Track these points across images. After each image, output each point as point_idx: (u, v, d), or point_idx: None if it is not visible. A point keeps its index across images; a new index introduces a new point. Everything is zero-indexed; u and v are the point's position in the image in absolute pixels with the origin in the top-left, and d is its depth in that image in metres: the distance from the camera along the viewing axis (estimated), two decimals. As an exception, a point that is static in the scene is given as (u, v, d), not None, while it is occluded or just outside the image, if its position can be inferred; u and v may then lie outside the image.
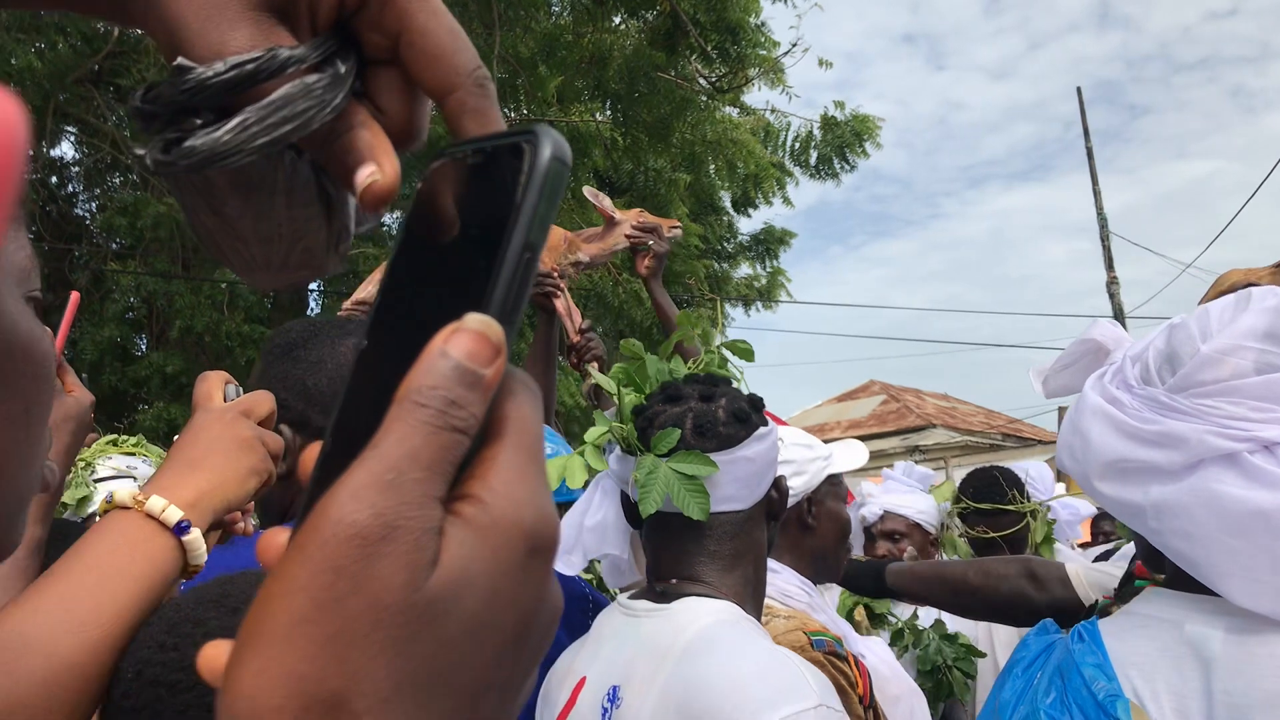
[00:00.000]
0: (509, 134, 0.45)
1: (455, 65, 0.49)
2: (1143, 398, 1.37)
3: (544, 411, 0.47)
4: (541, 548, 0.41)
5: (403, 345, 0.43)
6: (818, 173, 11.01)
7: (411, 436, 0.39)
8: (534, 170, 0.43)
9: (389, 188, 0.48)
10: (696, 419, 1.72)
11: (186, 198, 0.54)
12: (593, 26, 9.28)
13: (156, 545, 0.95)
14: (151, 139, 0.48)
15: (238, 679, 0.37)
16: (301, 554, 0.37)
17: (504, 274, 0.42)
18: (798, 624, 1.97)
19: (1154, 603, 1.40)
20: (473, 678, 0.39)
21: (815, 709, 1.38)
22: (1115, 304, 16.28)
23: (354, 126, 0.49)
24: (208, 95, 0.46)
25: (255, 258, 0.56)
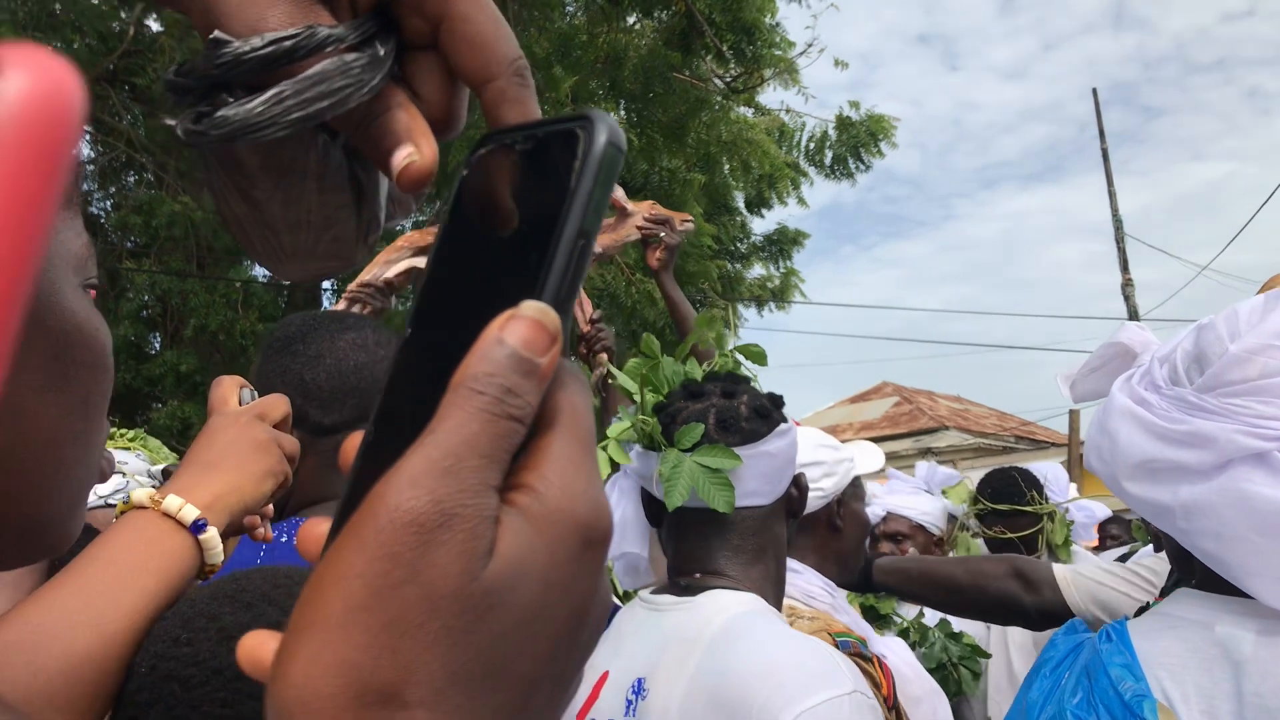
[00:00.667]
0: (562, 120, 0.45)
1: (496, 53, 0.48)
2: (1171, 398, 1.36)
3: None
4: (595, 540, 0.40)
5: (451, 333, 0.42)
6: (832, 173, 11.00)
7: (468, 424, 0.38)
8: (589, 156, 0.42)
9: (427, 169, 0.47)
10: (719, 414, 1.73)
11: (216, 180, 0.53)
12: (607, 26, 9.28)
13: (173, 543, 0.95)
14: (183, 112, 0.48)
15: (288, 667, 0.36)
16: (357, 540, 0.37)
17: (558, 261, 0.41)
18: (821, 625, 1.98)
19: (1184, 604, 1.40)
20: (526, 671, 0.39)
21: (850, 695, 1.38)
22: (1130, 306, 16.20)
23: (391, 108, 0.48)
24: (243, 70, 0.45)
25: (283, 246, 0.55)
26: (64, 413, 0.60)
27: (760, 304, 12.00)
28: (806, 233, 12.08)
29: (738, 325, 11.65)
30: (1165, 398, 1.37)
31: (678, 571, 1.72)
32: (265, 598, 0.93)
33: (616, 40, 9.24)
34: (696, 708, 1.45)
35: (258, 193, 0.52)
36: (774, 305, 11.97)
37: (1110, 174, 17.02)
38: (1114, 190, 16.91)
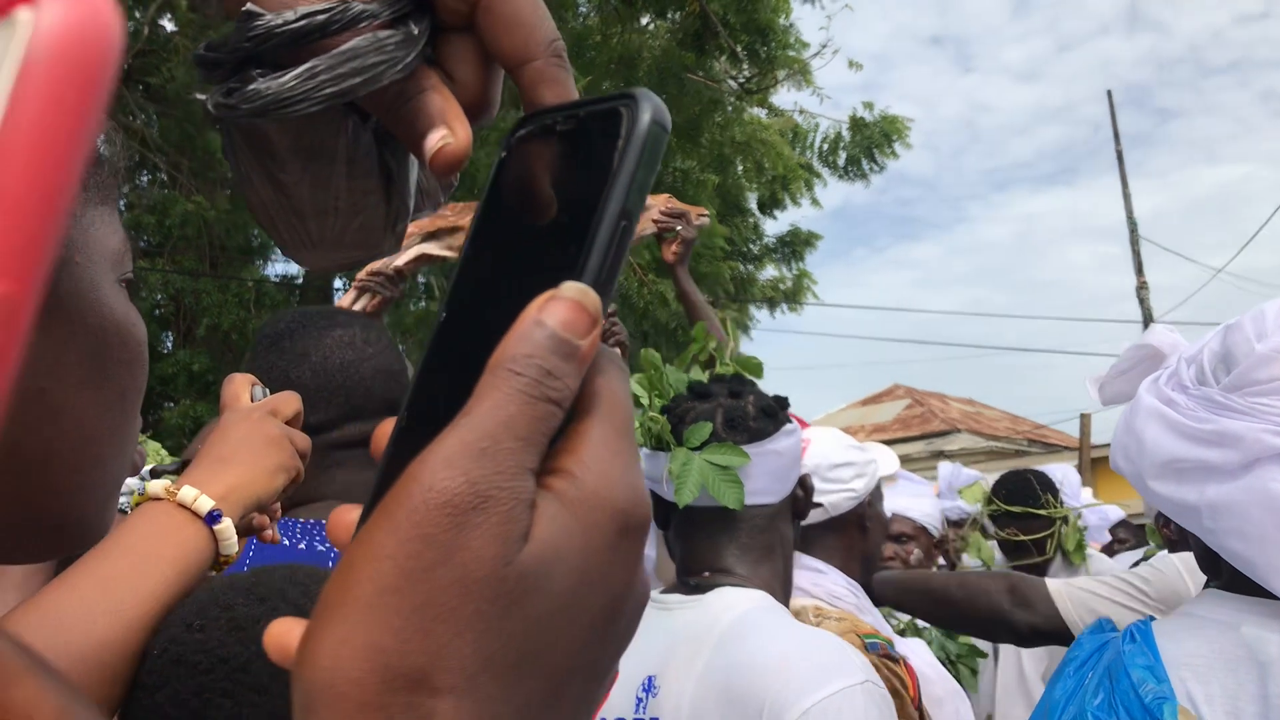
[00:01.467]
0: (604, 98, 0.44)
1: (535, 34, 0.47)
2: (1198, 398, 1.36)
3: None
4: (633, 527, 0.39)
5: (487, 317, 0.41)
6: (846, 174, 10.99)
7: (506, 405, 0.37)
8: (633, 135, 0.41)
9: (461, 152, 0.46)
10: (727, 413, 1.76)
11: (243, 163, 0.52)
12: (621, 27, 9.28)
13: (189, 533, 0.96)
14: (213, 86, 0.47)
15: (316, 649, 0.35)
16: (390, 521, 0.36)
17: (600, 242, 0.41)
18: (849, 626, 1.98)
19: (1210, 604, 1.40)
20: (560, 661, 0.38)
21: (862, 685, 1.40)
22: (1145, 309, 16.16)
23: (425, 90, 0.47)
24: (275, 43, 0.45)
25: (309, 233, 0.54)
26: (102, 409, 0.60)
27: (772, 306, 11.98)
28: (819, 234, 12.07)
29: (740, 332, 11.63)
30: (1192, 397, 1.37)
31: (687, 571, 1.73)
32: (280, 593, 0.93)
33: (630, 41, 9.25)
34: (708, 703, 1.46)
35: (286, 176, 0.51)
36: (786, 307, 11.96)
37: (1125, 176, 16.98)
38: (1129, 193, 16.87)
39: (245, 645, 0.88)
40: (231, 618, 0.90)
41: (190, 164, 9.93)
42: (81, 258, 0.56)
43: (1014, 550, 3.49)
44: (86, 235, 0.57)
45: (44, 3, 0.20)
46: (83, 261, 0.56)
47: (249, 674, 0.87)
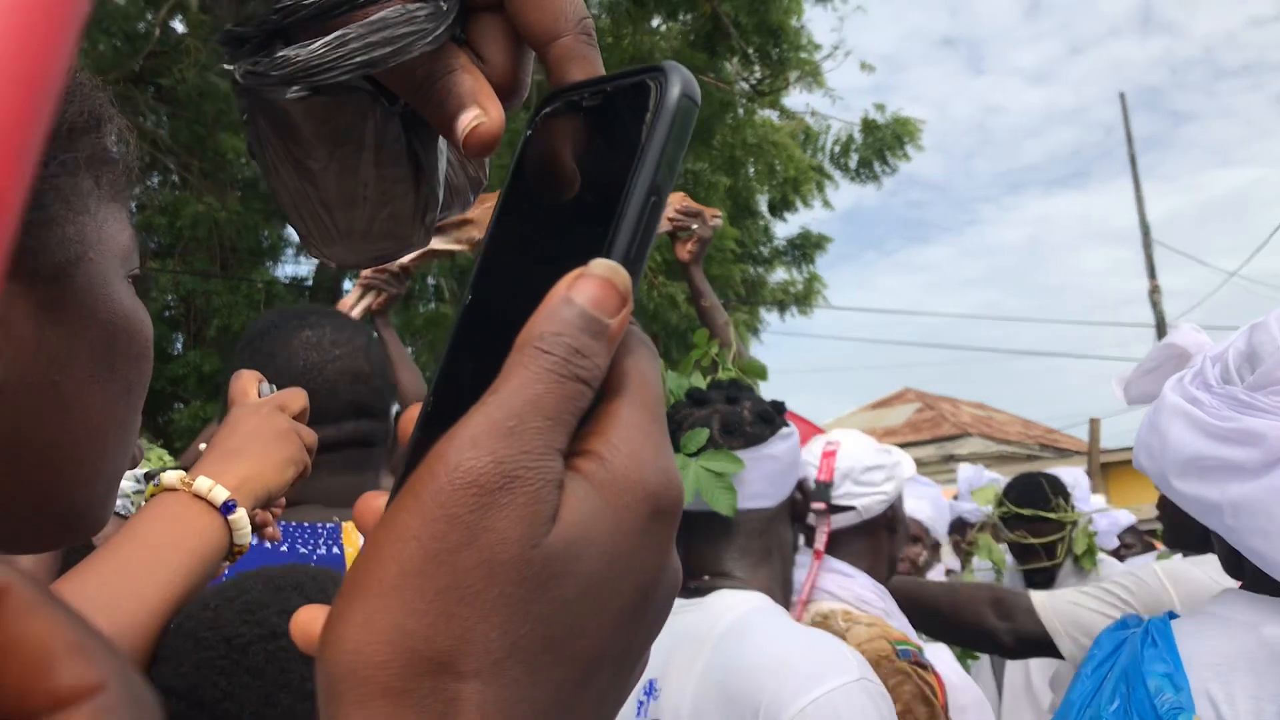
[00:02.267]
0: (632, 72, 0.43)
1: (565, 10, 0.46)
2: (1222, 396, 1.35)
3: None
4: (664, 510, 0.38)
5: (514, 297, 0.41)
6: (857, 176, 10.99)
7: (534, 384, 0.37)
8: (662, 108, 0.40)
9: (495, 132, 0.46)
10: (724, 419, 1.80)
11: (270, 153, 0.52)
12: (633, 28, 9.29)
13: (205, 522, 0.99)
14: (240, 59, 0.47)
15: (340, 631, 0.35)
16: (415, 501, 0.35)
17: (629, 219, 0.40)
18: (879, 632, 2.00)
19: (1231, 604, 1.39)
20: (588, 646, 0.37)
21: (857, 682, 1.42)
22: (1158, 313, 16.12)
23: (455, 70, 0.46)
24: (304, 14, 0.44)
25: (338, 224, 0.54)
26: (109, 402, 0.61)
27: (782, 309, 11.98)
28: (829, 236, 12.06)
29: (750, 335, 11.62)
30: (1217, 396, 1.36)
31: (687, 575, 1.73)
32: (295, 586, 0.96)
33: (642, 42, 9.26)
34: (708, 704, 1.48)
35: (313, 163, 0.51)
36: (796, 310, 11.95)
37: (1138, 180, 16.95)
38: (1141, 196, 16.83)
39: (251, 628, 0.90)
40: (245, 601, 0.93)
41: (201, 165, 9.96)
42: (94, 254, 0.57)
43: (1023, 553, 3.50)
44: (100, 232, 0.58)
45: None
46: (95, 258, 0.56)
47: (248, 655, 0.89)
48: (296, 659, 0.89)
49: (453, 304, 9.33)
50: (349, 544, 1.53)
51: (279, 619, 0.91)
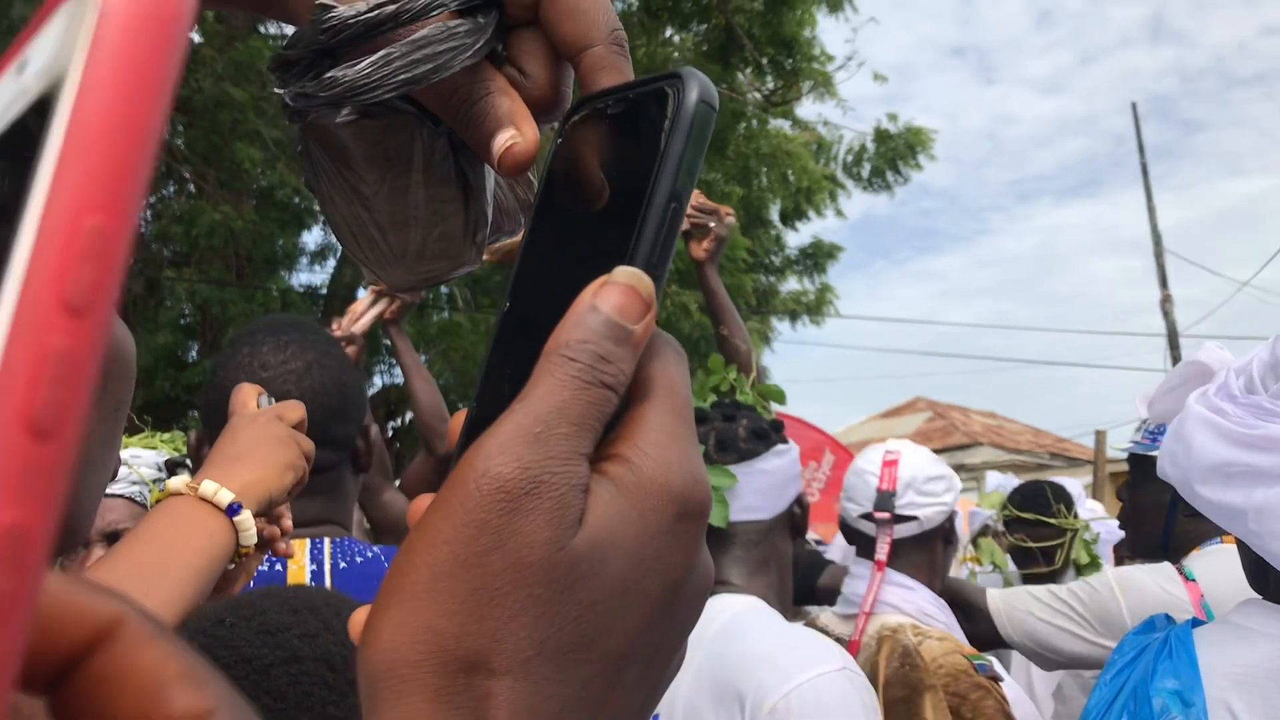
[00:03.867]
0: (653, 79, 0.44)
1: (597, 21, 0.47)
2: (1246, 406, 1.37)
3: None
4: (691, 512, 0.40)
5: (546, 302, 0.42)
6: (870, 185, 10.98)
7: (560, 391, 0.38)
8: (679, 115, 0.41)
9: (529, 152, 0.47)
10: (719, 435, 1.89)
11: (325, 182, 0.54)
12: (646, 39, 9.30)
13: (212, 525, 1.01)
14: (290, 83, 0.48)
15: (376, 632, 0.36)
16: (445, 507, 0.37)
17: (650, 226, 0.41)
18: (953, 646, 2.02)
19: (1254, 615, 1.40)
20: (617, 645, 0.38)
21: (840, 670, 1.48)
22: (1169, 323, 16.03)
23: (492, 92, 0.47)
24: (349, 34, 0.46)
25: (392, 246, 0.55)
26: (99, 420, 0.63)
27: (794, 318, 11.96)
28: (841, 246, 12.05)
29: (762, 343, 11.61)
30: (1241, 406, 1.38)
31: None
32: (312, 608, 0.95)
33: (656, 54, 9.27)
34: (701, 697, 1.56)
35: (366, 187, 0.52)
36: (808, 319, 11.93)
37: (1150, 189, 16.86)
38: (1153, 206, 16.76)
39: (272, 650, 0.90)
40: (263, 622, 0.92)
41: (217, 174, 9.98)
42: None
43: (1023, 558, 3.54)
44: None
45: None
46: None
47: (269, 678, 0.89)
48: (318, 683, 0.90)
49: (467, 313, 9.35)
50: (292, 560, 1.54)
51: (300, 642, 0.91)
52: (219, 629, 0.92)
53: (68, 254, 0.20)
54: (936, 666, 1.96)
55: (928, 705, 1.91)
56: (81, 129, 0.20)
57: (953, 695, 1.92)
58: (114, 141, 0.20)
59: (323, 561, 1.56)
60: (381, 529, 2.70)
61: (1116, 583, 2.41)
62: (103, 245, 0.20)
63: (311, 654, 0.90)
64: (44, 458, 0.19)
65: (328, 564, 1.57)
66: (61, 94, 0.20)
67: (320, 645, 0.91)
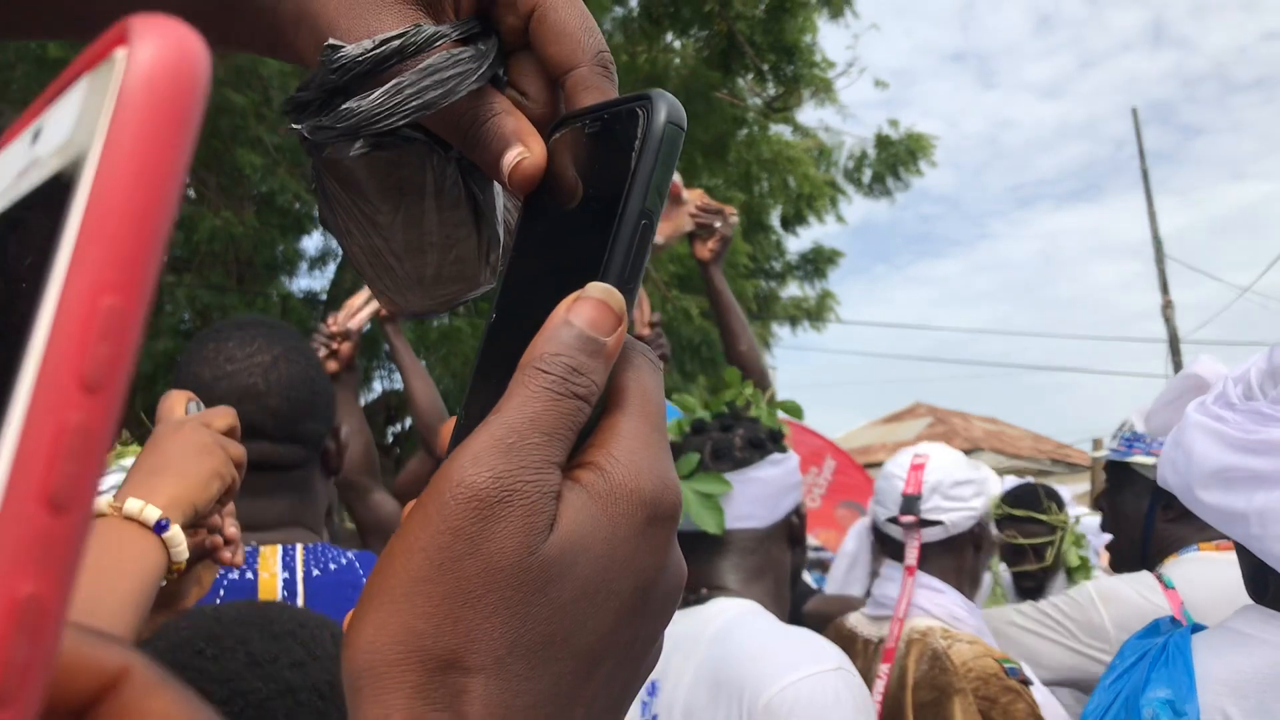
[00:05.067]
0: (625, 100, 0.46)
1: (581, 42, 0.50)
2: (1245, 412, 1.38)
3: None
4: (661, 516, 0.42)
5: (528, 315, 0.43)
6: (871, 191, 10.98)
7: (533, 402, 0.40)
8: (649, 135, 0.43)
9: (537, 166, 0.49)
10: (715, 445, 1.93)
11: (341, 215, 0.56)
12: (648, 45, 9.31)
13: (142, 545, 0.98)
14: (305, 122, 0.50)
15: (359, 633, 0.39)
16: (423, 514, 0.39)
17: (621, 242, 0.42)
18: (983, 650, 2.03)
19: (1256, 621, 1.40)
20: (588, 643, 0.40)
21: (835, 670, 1.52)
22: (1170, 328, 16.04)
23: (498, 113, 0.50)
24: (359, 71, 0.48)
25: (409, 272, 0.57)
26: None
27: (794, 322, 11.96)
28: (841, 251, 12.05)
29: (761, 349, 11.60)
30: (1240, 412, 1.39)
31: (687, 589, 1.80)
32: (291, 634, 0.96)
33: (658, 60, 9.28)
34: (700, 694, 1.60)
35: (381, 217, 0.55)
36: (809, 324, 11.93)
37: (1150, 195, 16.89)
38: (1154, 212, 16.77)
39: (266, 683, 0.90)
40: (249, 652, 0.92)
41: (218, 180, 10.00)
42: None
43: (1014, 555, 3.59)
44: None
45: (135, 41, 0.21)
46: None
47: (266, 713, 0.89)
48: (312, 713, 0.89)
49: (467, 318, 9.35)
50: (263, 569, 1.50)
51: (291, 673, 0.91)
52: (201, 660, 0.91)
53: (85, 332, 0.20)
54: (966, 670, 1.96)
55: (957, 709, 1.91)
56: (100, 210, 0.21)
57: (982, 699, 1.92)
58: (132, 222, 0.21)
59: (295, 569, 1.53)
60: (368, 530, 2.69)
61: (1098, 595, 2.42)
62: (119, 323, 0.21)
63: (303, 684, 0.90)
64: (61, 530, 0.20)
65: (300, 571, 1.53)
66: (81, 173, 0.21)
67: (310, 675, 0.91)
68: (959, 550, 2.27)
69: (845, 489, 6.37)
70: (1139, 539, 2.55)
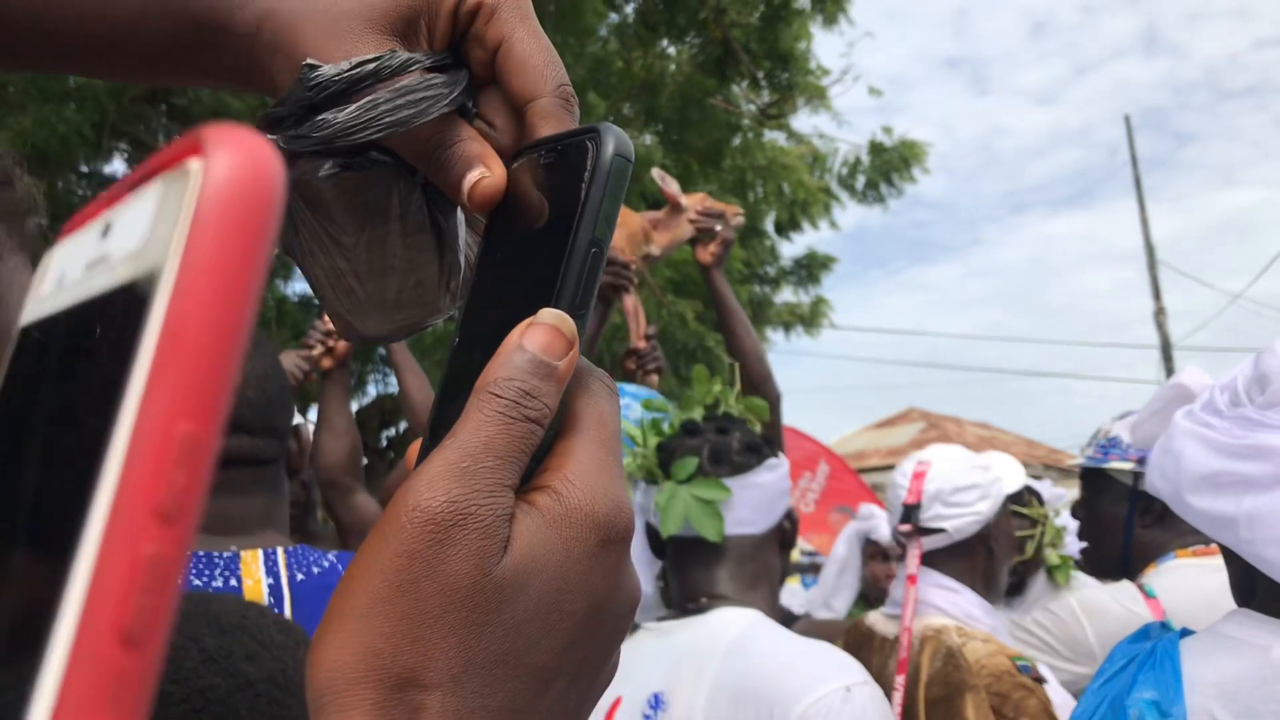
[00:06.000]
0: (577, 132, 0.48)
1: (544, 75, 0.52)
2: (1233, 418, 1.40)
3: None
4: (614, 539, 0.43)
5: (487, 340, 0.45)
6: (864, 197, 10.98)
7: (486, 425, 0.41)
8: (597, 167, 0.45)
9: (496, 187, 0.50)
10: (713, 448, 1.90)
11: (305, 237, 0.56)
12: (643, 52, 9.33)
13: None
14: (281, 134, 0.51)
15: (322, 652, 0.40)
16: (381, 538, 0.40)
17: (572, 270, 0.44)
18: (997, 648, 2.04)
19: (1242, 625, 1.41)
20: (543, 660, 0.41)
21: (863, 684, 1.53)
22: (1162, 334, 16.08)
23: (463, 139, 0.51)
24: (334, 90, 0.49)
25: (370, 295, 0.58)
26: None
27: (787, 328, 11.96)
28: (835, 257, 12.05)
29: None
30: (1227, 419, 1.41)
31: (685, 597, 1.84)
32: (239, 626, 0.94)
33: (653, 66, 9.30)
34: (720, 707, 1.57)
35: (346, 238, 0.56)
36: (803, 329, 11.93)
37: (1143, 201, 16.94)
38: (1147, 218, 16.82)
39: (225, 679, 0.88)
40: (202, 649, 0.90)
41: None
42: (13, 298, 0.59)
43: None
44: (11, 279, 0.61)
45: (211, 153, 0.21)
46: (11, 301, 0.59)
47: (228, 708, 0.88)
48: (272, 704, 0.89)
49: (462, 322, 9.34)
50: (247, 575, 1.46)
51: (248, 666, 0.90)
52: None
53: (161, 461, 0.20)
54: (980, 667, 1.98)
55: (969, 704, 1.93)
56: (177, 333, 0.20)
57: (995, 695, 1.93)
58: (209, 347, 0.20)
59: (279, 574, 1.51)
60: (349, 531, 2.68)
61: (1080, 609, 2.44)
62: (194, 450, 0.20)
63: (260, 676, 0.90)
64: (134, 665, 0.19)
65: (284, 576, 1.52)
66: (156, 290, 0.21)
67: (264, 666, 0.91)
68: (968, 554, 2.26)
69: (839, 494, 6.38)
70: (1119, 547, 2.56)
